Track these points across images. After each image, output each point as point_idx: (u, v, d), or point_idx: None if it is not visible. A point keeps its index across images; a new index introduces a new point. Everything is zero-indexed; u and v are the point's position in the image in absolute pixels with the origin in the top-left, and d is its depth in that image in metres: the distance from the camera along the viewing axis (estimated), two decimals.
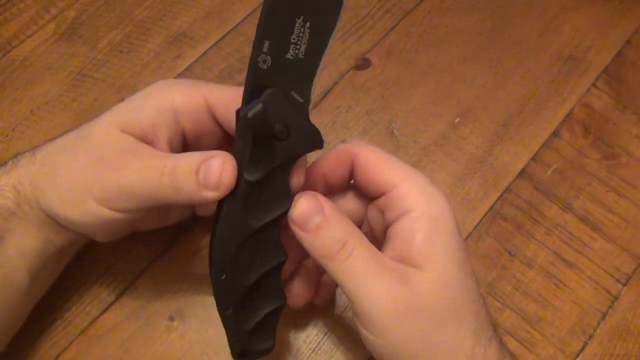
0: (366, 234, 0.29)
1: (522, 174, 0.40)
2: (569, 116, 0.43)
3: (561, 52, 0.45)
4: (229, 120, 0.29)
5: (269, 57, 0.24)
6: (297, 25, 0.24)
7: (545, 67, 0.44)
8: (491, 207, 0.39)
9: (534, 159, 0.41)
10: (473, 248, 0.38)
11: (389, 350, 0.26)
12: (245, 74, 0.26)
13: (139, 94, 0.30)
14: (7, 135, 0.41)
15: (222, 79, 0.43)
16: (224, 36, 0.45)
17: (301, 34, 0.24)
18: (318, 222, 0.26)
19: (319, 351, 0.35)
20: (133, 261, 0.36)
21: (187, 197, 0.27)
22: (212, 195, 0.26)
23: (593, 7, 0.47)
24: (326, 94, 0.43)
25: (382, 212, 0.28)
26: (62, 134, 0.30)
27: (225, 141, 0.32)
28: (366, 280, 0.26)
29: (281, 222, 0.28)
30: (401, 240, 0.27)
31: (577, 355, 0.35)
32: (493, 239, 0.38)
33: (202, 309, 0.35)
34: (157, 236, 0.37)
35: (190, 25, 0.45)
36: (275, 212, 0.27)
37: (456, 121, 0.42)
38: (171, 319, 0.35)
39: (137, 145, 0.29)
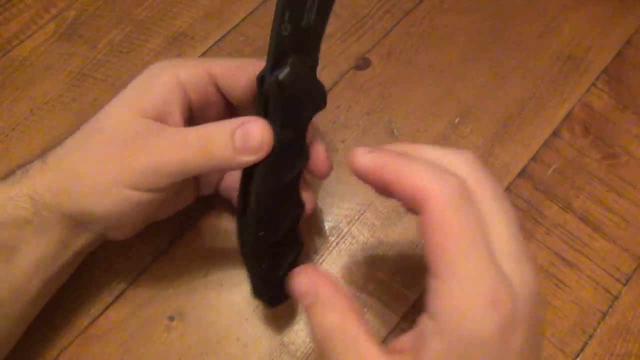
0: None
1: (522, 174, 0.40)
2: (569, 116, 0.43)
3: (561, 52, 0.45)
4: (233, 90, 0.31)
5: (289, 25, 0.26)
6: None
7: (545, 67, 0.44)
8: None
9: (534, 159, 0.41)
10: None
11: None
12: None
13: (142, 77, 0.31)
14: (7, 135, 0.41)
15: None
16: (223, 36, 0.45)
17: (312, 2, 0.26)
18: (308, 302, 0.25)
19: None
20: (133, 260, 0.36)
21: (221, 164, 0.28)
22: (251, 159, 0.27)
23: (593, 7, 0.47)
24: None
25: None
26: (62, 134, 0.30)
27: (227, 111, 0.33)
28: None
29: (301, 176, 0.30)
30: (414, 344, 0.23)
31: (577, 355, 0.35)
32: None
33: (202, 309, 0.35)
34: (157, 236, 0.37)
35: (190, 25, 0.45)
36: (298, 167, 0.30)
37: (456, 121, 0.42)
38: (171, 319, 0.35)
39: (156, 124, 0.29)
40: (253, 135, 0.27)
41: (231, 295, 0.36)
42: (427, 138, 0.41)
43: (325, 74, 0.43)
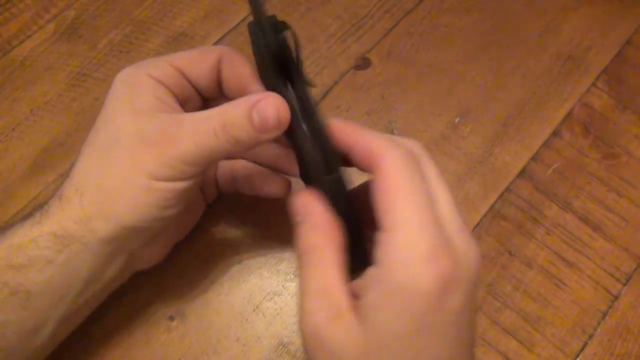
0: None
1: (522, 174, 0.40)
2: (569, 116, 0.43)
3: (561, 52, 0.45)
4: (198, 79, 0.31)
5: None
6: None
7: (545, 67, 0.44)
8: (491, 207, 0.39)
9: (534, 159, 0.41)
10: None
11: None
12: None
13: (119, 86, 0.30)
14: (7, 135, 0.41)
15: None
16: (223, 36, 0.45)
17: None
18: (299, 219, 0.27)
19: None
20: None
21: (247, 144, 0.28)
22: (274, 134, 0.27)
23: (593, 7, 0.47)
24: (326, 93, 0.43)
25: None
26: (62, 134, 0.30)
27: (203, 103, 0.33)
28: (308, 299, 0.25)
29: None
30: (362, 287, 0.25)
31: (577, 355, 0.35)
32: (493, 239, 0.38)
33: (202, 309, 0.35)
34: None
35: (190, 25, 0.45)
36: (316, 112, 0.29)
37: (456, 121, 0.42)
38: (171, 319, 0.35)
39: (170, 115, 0.29)
40: (268, 113, 0.27)
41: (231, 295, 0.36)
42: (427, 138, 0.41)
43: (325, 74, 0.43)
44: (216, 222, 0.38)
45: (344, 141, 0.27)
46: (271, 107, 0.27)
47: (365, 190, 0.27)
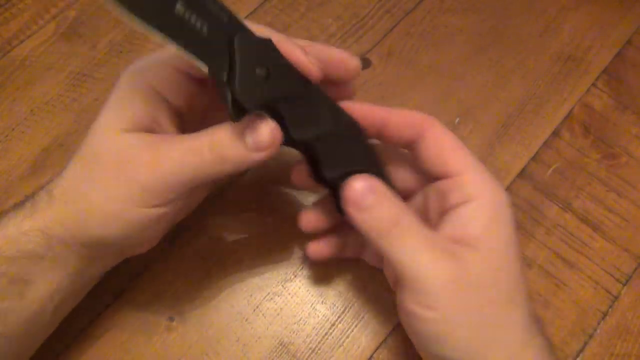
0: (418, 210, 0.31)
1: (522, 174, 0.40)
2: (569, 116, 0.43)
3: (561, 52, 0.45)
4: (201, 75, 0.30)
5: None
6: None
7: (545, 67, 0.44)
8: None
9: (534, 159, 0.41)
10: None
11: (439, 324, 0.27)
12: None
13: (117, 92, 0.29)
14: (7, 135, 0.41)
15: None
16: None
17: None
18: (371, 201, 0.27)
19: (318, 351, 0.35)
20: (133, 261, 0.36)
21: (235, 164, 0.27)
22: (264, 154, 0.27)
23: (593, 7, 0.47)
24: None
25: (442, 194, 0.30)
26: (62, 134, 0.30)
27: (212, 98, 0.32)
28: (421, 255, 0.27)
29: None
30: (460, 224, 0.28)
31: (577, 355, 0.35)
32: None
33: (202, 309, 0.35)
34: None
35: None
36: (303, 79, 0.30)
37: (456, 121, 0.42)
38: (171, 319, 0.35)
39: (156, 137, 0.28)
40: (263, 133, 0.26)
41: (231, 295, 0.36)
42: None
43: None
44: (216, 222, 0.38)
45: (376, 116, 0.30)
46: (265, 129, 0.26)
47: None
